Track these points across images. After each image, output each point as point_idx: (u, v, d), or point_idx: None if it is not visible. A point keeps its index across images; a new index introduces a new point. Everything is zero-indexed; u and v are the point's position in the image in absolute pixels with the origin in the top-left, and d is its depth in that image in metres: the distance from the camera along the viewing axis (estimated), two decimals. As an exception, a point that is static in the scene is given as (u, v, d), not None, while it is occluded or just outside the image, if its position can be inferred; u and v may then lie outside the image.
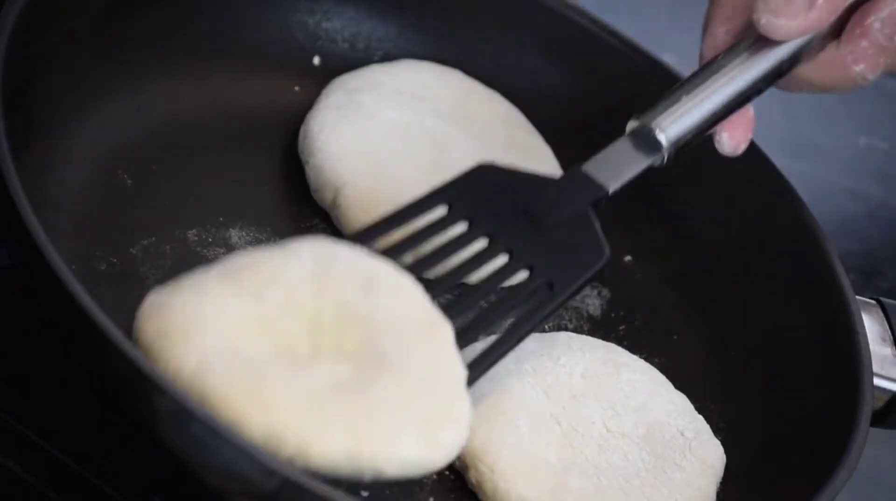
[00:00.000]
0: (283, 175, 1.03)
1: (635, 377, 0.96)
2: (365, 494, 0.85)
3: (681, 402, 0.96)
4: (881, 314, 0.99)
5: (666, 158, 0.94)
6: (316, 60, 1.10)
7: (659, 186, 1.09)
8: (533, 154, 1.08)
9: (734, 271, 1.05)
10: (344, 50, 1.11)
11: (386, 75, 1.08)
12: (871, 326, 0.97)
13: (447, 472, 0.89)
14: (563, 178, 0.96)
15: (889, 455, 1.11)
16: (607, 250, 0.91)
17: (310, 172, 1.01)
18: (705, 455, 0.93)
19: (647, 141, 0.93)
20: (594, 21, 1.12)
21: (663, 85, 1.10)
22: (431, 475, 0.89)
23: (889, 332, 0.98)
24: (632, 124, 0.94)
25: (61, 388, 0.85)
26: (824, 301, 0.99)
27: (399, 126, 1.04)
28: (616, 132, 1.10)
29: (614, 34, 1.12)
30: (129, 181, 0.95)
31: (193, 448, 0.76)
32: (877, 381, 0.95)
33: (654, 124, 0.93)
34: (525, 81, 1.12)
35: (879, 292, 1.03)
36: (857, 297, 0.98)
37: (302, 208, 1.01)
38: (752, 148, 1.07)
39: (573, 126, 1.11)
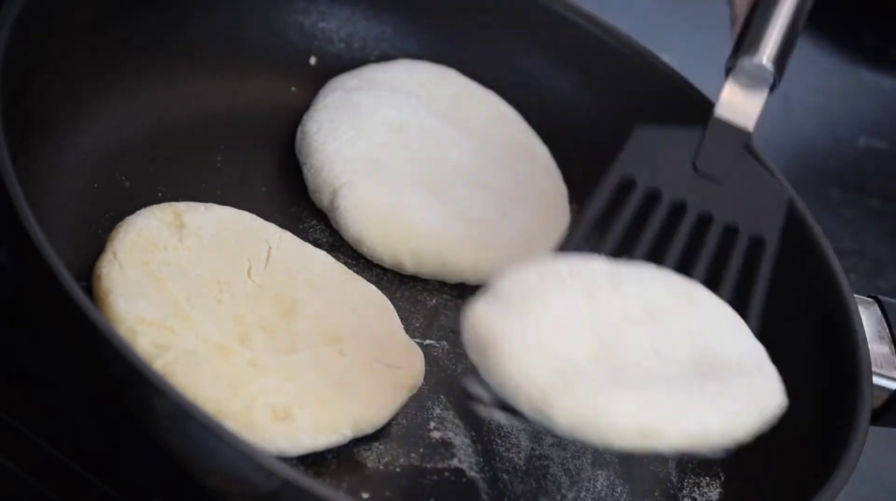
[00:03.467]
0: (281, 176, 1.03)
1: (709, 314, 0.86)
2: (366, 496, 0.85)
3: (754, 348, 0.85)
4: (880, 313, 0.99)
5: (776, 79, 0.98)
6: (312, 61, 1.10)
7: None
8: (529, 153, 1.08)
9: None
10: (340, 50, 1.11)
11: (383, 74, 1.08)
12: (870, 324, 0.97)
13: (447, 473, 0.89)
14: (709, 129, 0.98)
15: (889, 454, 1.11)
16: (786, 185, 0.98)
17: (307, 172, 1.01)
18: (759, 386, 0.82)
19: (752, 73, 0.98)
20: (593, 20, 1.12)
21: (662, 84, 1.11)
22: (432, 476, 0.89)
23: (887, 330, 0.98)
24: (730, 64, 0.99)
25: (61, 388, 0.85)
26: (823, 300, 0.99)
27: (397, 126, 1.04)
28: (615, 132, 1.11)
29: (613, 34, 1.12)
30: (127, 184, 0.95)
31: (192, 449, 0.77)
32: (876, 379, 0.95)
33: (753, 57, 0.97)
34: (522, 80, 1.12)
35: (879, 292, 1.02)
36: (856, 295, 0.98)
37: (300, 209, 1.01)
38: (751, 148, 1.07)
39: (571, 126, 1.11)
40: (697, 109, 1.09)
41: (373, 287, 0.94)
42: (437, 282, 1.00)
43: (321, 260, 0.94)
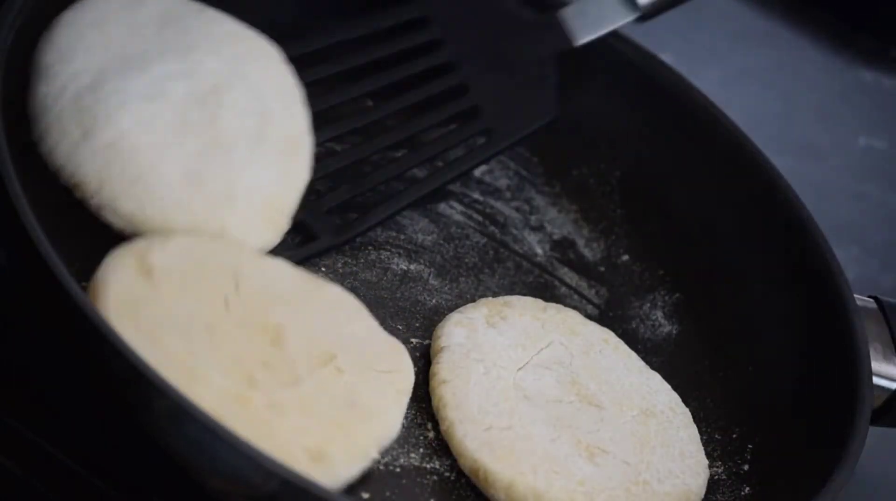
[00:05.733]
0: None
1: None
2: (366, 496, 0.85)
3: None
4: (879, 313, 0.99)
5: (641, 14, 0.98)
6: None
7: (657, 186, 1.10)
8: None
9: (732, 271, 1.05)
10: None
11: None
12: (870, 324, 0.97)
13: (447, 473, 0.89)
14: (537, 19, 0.97)
15: (889, 454, 1.11)
16: (556, 109, 0.95)
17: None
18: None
19: None
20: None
21: (662, 86, 1.10)
22: (432, 476, 0.89)
23: (887, 330, 0.98)
24: None
25: (61, 388, 0.85)
26: (823, 300, 0.99)
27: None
28: (616, 133, 1.11)
29: (613, 33, 1.11)
30: (129, 183, 0.95)
31: (192, 449, 0.77)
32: (875, 380, 0.95)
33: None
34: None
35: (879, 291, 1.03)
36: (856, 296, 0.98)
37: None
38: (751, 148, 1.07)
39: (570, 125, 1.11)
40: (697, 108, 1.10)
41: (338, 288, 0.93)
42: (437, 282, 1.01)
43: (283, 272, 0.92)
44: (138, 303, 0.84)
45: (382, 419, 0.86)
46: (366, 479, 0.86)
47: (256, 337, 0.86)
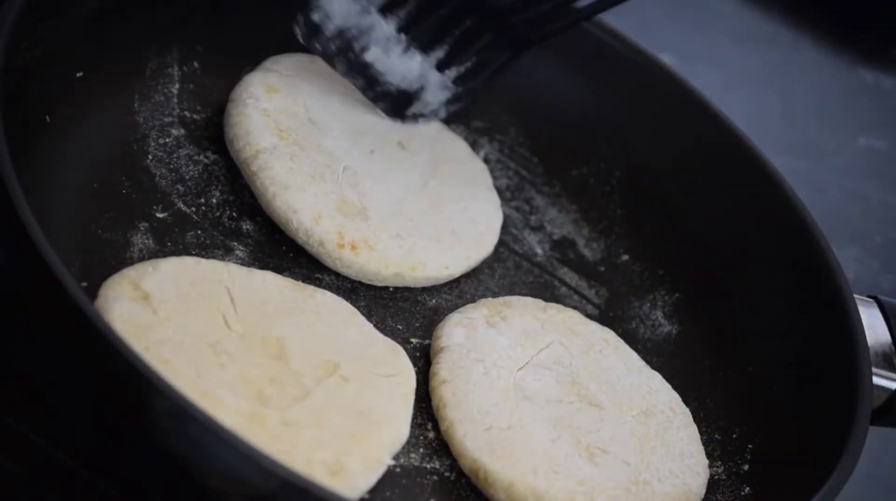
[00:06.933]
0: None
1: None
2: (366, 496, 0.85)
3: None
4: (879, 313, 0.99)
5: None
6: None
7: (657, 186, 1.10)
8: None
9: (732, 271, 1.05)
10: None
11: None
12: (870, 324, 0.97)
13: (447, 473, 0.89)
14: None
15: (889, 454, 1.11)
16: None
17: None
18: None
19: None
20: (592, 20, 1.11)
21: (662, 84, 1.11)
22: (432, 476, 0.89)
23: (887, 330, 0.98)
24: None
25: (61, 388, 0.85)
26: (822, 300, 0.99)
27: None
28: (616, 133, 1.11)
29: (613, 34, 1.12)
30: (128, 184, 0.95)
31: (192, 449, 0.76)
32: (875, 379, 0.95)
33: None
34: (521, 80, 1.12)
35: (879, 291, 1.03)
36: (856, 295, 0.98)
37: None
38: (751, 148, 1.07)
39: (571, 126, 1.11)
40: (697, 108, 1.10)
41: (328, 293, 0.93)
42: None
43: (273, 283, 0.92)
44: (142, 329, 0.84)
45: (392, 425, 0.87)
46: (366, 479, 0.86)
47: (260, 353, 0.87)
